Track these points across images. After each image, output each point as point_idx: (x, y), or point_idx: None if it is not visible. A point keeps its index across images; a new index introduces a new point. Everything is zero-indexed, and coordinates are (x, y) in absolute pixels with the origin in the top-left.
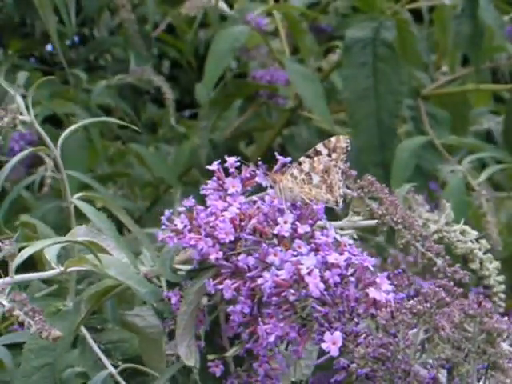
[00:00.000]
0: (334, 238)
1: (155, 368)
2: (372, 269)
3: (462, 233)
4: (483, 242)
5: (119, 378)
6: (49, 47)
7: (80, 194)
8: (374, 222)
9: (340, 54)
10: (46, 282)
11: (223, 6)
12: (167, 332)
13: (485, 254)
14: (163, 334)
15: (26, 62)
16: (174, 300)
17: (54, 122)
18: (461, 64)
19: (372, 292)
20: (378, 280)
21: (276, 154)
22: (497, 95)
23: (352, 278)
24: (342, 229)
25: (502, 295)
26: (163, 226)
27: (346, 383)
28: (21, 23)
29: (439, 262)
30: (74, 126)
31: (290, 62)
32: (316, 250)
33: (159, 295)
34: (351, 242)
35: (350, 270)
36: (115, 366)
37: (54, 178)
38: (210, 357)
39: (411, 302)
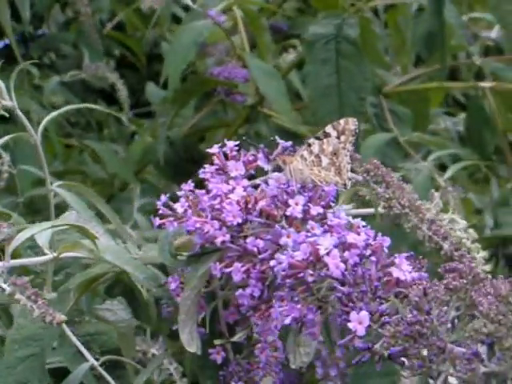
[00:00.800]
0: (347, 219)
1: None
2: (386, 250)
3: (451, 222)
4: (471, 231)
5: (101, 370)
6: None
7: (59, 183)
8: (364, 210)
9: (297, 52)
10: (19, 274)
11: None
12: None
13: (472, 243)
14: (133, 329)
15: None
16: (173, 286)
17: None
18: (413, 64)
19: (395, 272)
20: (396, 260)
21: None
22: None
23: (373, 258)
24: None
25: None
26: (160, 211)
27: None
28: None
29: (446, 245)
30: (54, 113)
31: (251, 59)
32: (330, 232)
33: (158, 281)
34: (364, 223)
35: (368, 251)
36: (95, 359)
37: (11, 173)
38: (217, 342)
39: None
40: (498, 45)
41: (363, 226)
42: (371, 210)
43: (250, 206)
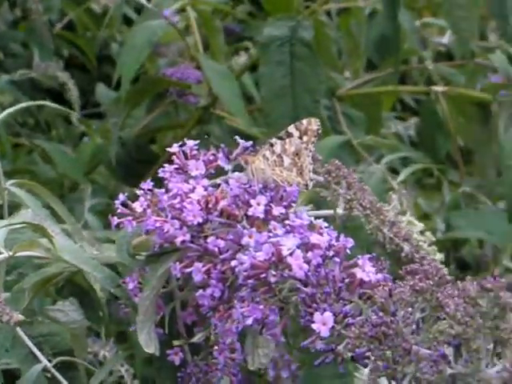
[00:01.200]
0: (309, 220)
1: None
2: (349, 251)
3: (408, 224)
4: (428, 234)
5: (54, 372)
6: None
7: (13, 181)
8: (324, 212)
9: (249, 55)
10: None
11: None
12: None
13: (429, 246)
14: (85, 330)
15: None
16: (131, 286)
17: None
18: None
19: (359, 273)
20: (360, 262)
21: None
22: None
23: (337, 259)
24: None
25: None
26: (118, 210)
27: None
28: None
29: (407, 247)
30: (6, 112)
31: (205, 60)
32: (291, 233)
33: (116, 280)
34: (326, 224)
35: (331, 252)
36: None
37: None
38: (176, 343)
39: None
40: (449, 50)
41: (325, 227)
42: (330, 212)
43: (210, 205)
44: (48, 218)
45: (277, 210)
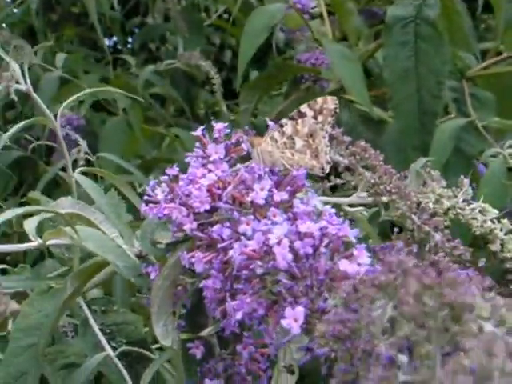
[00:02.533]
0: (315, 206)
1: None
2: (354, 240)
3: (482, 211)
4: (505, 221)
5: (116, 361)
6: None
7: (82, 169)
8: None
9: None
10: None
11: None
12: None
13: (506, 234)
14: None
15: (80, 48)
16: (152, 275)
17: (99, 106)
18: None
19: (343, 264)
20: (355, 252)
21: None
22: None
23: (323, 249)
24: (351, 205)
25: None
26: (146, 197)
27: None
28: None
29: (437, 236)
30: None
31: (328, 43)
32: (294, 220)
33: (137, 270)
34: (333, 211)
35: (325, 241)
36: (117, 349)
37: (88, 160)
38: (183, 336)
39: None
40: None
41: (329, 214)
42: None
43: (220, 191)
44: (107, 205)
45: (279, 196)
